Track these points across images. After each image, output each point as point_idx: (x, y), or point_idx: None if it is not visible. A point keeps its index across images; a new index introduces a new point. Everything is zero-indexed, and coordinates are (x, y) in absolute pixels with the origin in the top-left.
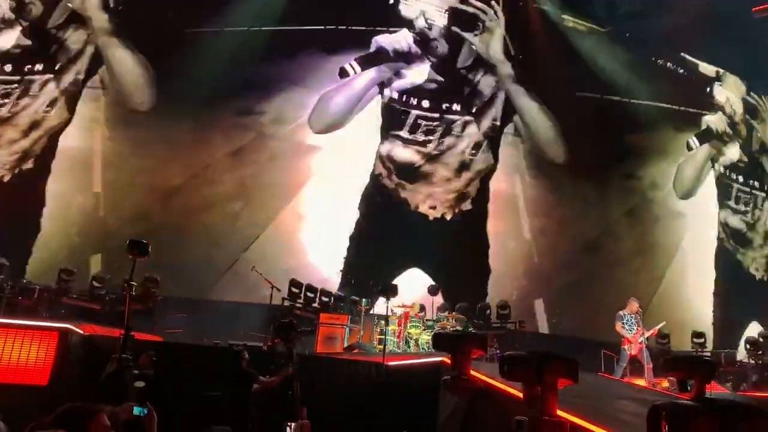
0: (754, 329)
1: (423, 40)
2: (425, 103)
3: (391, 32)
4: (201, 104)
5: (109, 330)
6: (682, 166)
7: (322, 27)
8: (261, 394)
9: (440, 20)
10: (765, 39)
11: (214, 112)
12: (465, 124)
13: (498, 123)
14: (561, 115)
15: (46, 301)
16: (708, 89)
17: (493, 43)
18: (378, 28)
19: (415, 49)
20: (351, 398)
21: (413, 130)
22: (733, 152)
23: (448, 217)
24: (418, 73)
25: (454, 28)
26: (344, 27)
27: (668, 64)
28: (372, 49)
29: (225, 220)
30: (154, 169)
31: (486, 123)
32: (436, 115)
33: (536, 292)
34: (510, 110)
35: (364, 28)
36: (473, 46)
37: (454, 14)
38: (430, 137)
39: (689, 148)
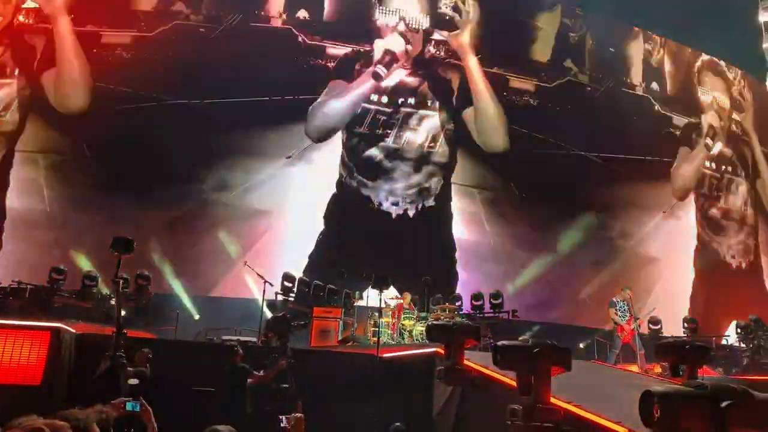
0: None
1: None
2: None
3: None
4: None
5: (102, 328)
6: (678, 168)
7: (267, 98)
8: (256, 389)
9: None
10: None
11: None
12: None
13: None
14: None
15: (37, 301)
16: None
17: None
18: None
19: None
20: (346, 391)
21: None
22: (719, 145)
23: (411, 213)
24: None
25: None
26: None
27: None
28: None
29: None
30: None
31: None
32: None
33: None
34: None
35: (309, 97)
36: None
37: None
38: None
39: (708, 149)
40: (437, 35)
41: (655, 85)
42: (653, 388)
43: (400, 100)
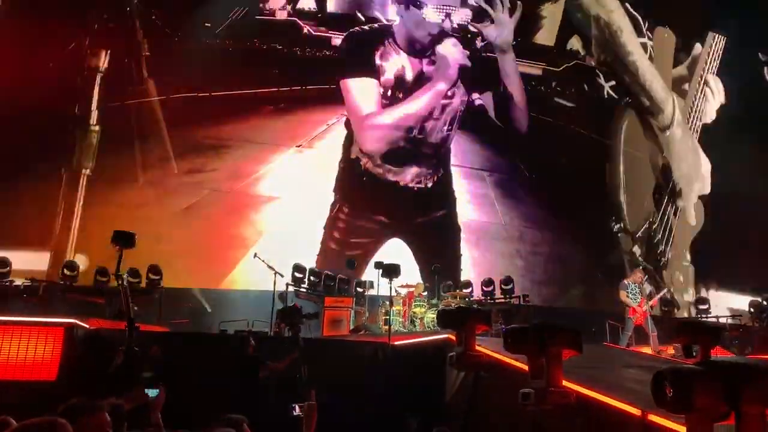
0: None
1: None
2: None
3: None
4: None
5: (115, 323)
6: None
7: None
8: (269, 379)
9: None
10: None
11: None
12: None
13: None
14: None
15: (51, 297)
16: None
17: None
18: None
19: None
20: (359, 379)
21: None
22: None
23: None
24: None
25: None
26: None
27: None
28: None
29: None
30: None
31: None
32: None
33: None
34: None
35: (320, 86)
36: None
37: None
38: None
39: None
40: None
41: None
42: (665, 367)
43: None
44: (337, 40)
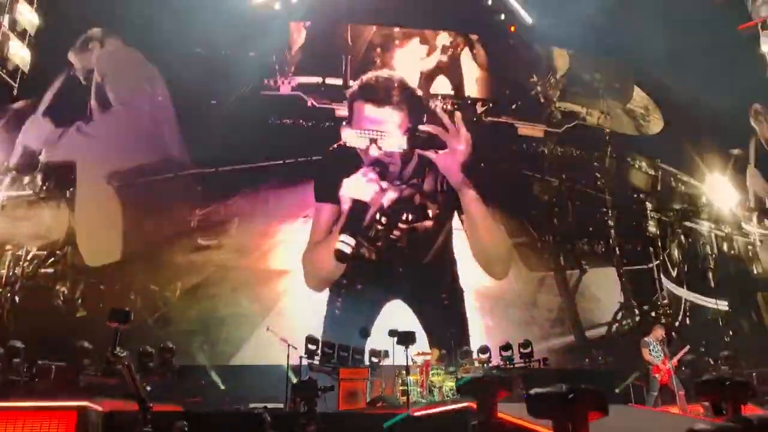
0: None
1: None
2: None
3: None
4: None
5: (128, 404)
6: None
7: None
8: None
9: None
10: None
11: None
12: None
13: None
14: None
15: (63, 380)
16: None
17: None
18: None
19: None
20: None
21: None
22: None
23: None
24: None
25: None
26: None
27: None
28: None
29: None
30: None
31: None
32: None
33: None
34: None
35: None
36: None
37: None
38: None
39: None
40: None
41: None
42: (695, 425)
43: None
44: (340, 111)
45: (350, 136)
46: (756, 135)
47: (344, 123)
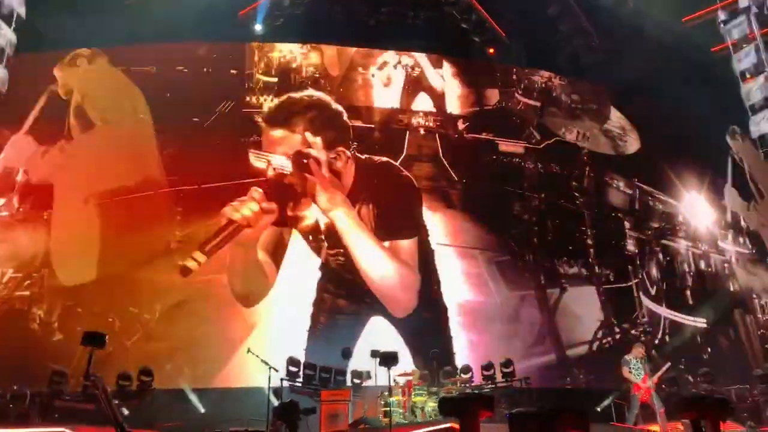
0: None
1: None
2: None
3: None
4: None
5: (105, 430)
6: None
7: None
8: None
9: None
10: None
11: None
12: None
13: None
14: None
15: (38, 406)
16: None
17: None
18: None
19: None
20: None
21: None
22: None
23: None
24: None
25: None
26: None
27: None
28: None
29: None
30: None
31: None
32: None
33: None
34: None
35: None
36: None
37: None
38: None
39: None
40: None
41: None
42: None
43: None
44: None
45: None
46: (732, 153)
47: None
